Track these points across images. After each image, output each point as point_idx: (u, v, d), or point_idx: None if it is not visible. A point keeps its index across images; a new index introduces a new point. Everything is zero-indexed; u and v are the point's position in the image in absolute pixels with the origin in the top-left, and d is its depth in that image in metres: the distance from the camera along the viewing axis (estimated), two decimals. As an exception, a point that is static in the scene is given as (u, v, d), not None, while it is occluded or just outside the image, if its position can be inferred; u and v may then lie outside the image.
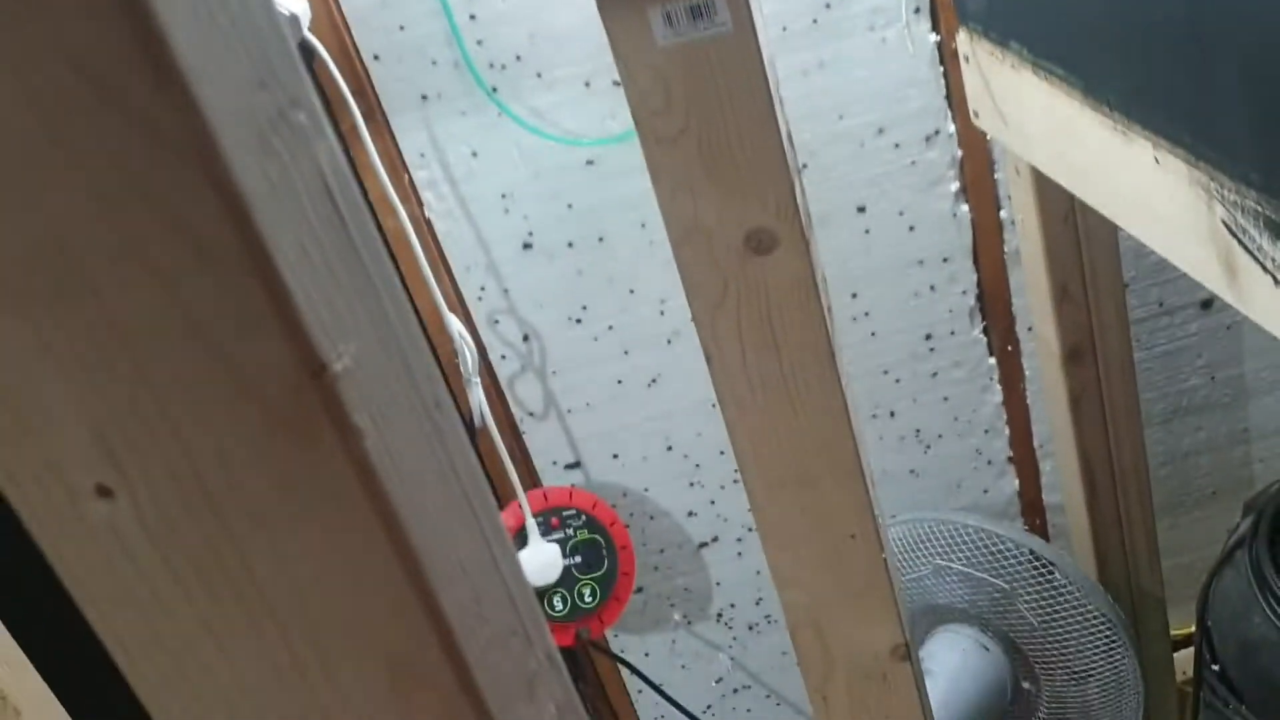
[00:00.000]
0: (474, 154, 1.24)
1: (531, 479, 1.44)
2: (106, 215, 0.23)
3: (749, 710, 1.64)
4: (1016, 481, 1.48)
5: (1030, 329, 1.36)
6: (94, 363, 0.25)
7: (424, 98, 1.21)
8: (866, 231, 1.30)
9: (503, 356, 1.36)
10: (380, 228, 1.20)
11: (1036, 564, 1.26)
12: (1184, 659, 1.45)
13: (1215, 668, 1.07)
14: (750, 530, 1.50)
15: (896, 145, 1.26)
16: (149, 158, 0.22)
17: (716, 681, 1.62)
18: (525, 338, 1.35)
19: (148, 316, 0.24)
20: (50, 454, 0.26)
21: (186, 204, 0.23)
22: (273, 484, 0.26)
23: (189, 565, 0.28)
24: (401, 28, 1.18)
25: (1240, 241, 0.73)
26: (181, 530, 0.27)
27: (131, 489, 0.27)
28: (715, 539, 1.51)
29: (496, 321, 1.33)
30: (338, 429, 0.25)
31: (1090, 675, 1.29)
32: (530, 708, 0.31)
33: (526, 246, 1.29)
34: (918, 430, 1.43)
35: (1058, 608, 1.26)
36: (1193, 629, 1.48)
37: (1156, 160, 0.80)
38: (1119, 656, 1.26)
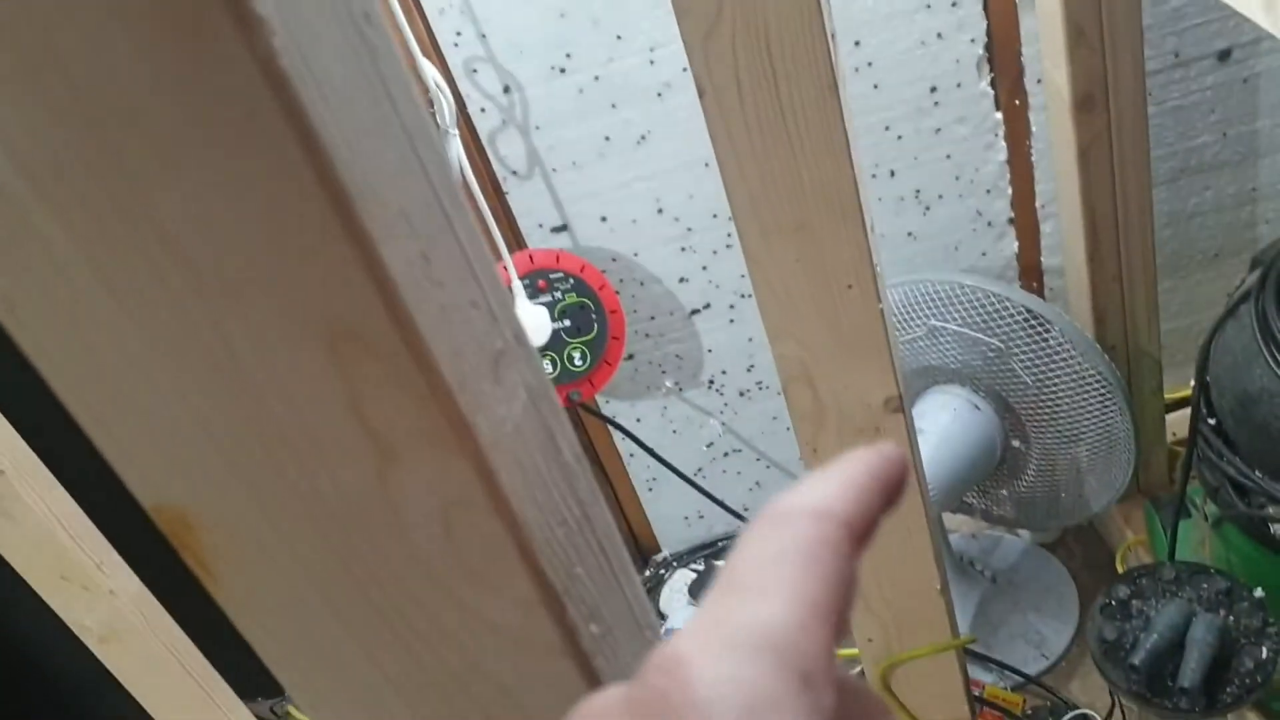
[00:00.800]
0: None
1: (516, 241, 1.39)
2: None
3: (739, 473, 1.65)
4: (1016, 244, 1.43)
5: (1039, 81, 1.29)
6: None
7: None
8: (870, -30, 1.21)
9: (482, 109, 1.29)
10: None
11: (1033, 322, 1.23)
12: (1176, 421, 1.45)
13: (1211, 421, 1.05)
14: (742, 297, 1.46)
15: (906, -127, 1.16)
16: None
17: (707, 446, 1.62)
18: (506, 89, 1.27)
19: None
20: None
21: None
22: (167, 98, 0.21)
23: (82, 211, 0.23)
24: None
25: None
26: (66, 166, 0.22)
27: (3, 124, 0.22)
28: (707, 305, 1.48)
29: (474, 70, 1.26)
30: (236, 17, 0.20)
31: (1082, 434, 1.28)
32: (497, 389, 0.27)
33: (505, -14, 1.20)
34: (917, 191, 1.38)
35: (1053, 366, 1.24)
36: (1186, 393, 1.48)
37: None
38: (1112, 415, 1.25)
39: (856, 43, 1.27)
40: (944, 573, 0.98)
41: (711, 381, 1.55)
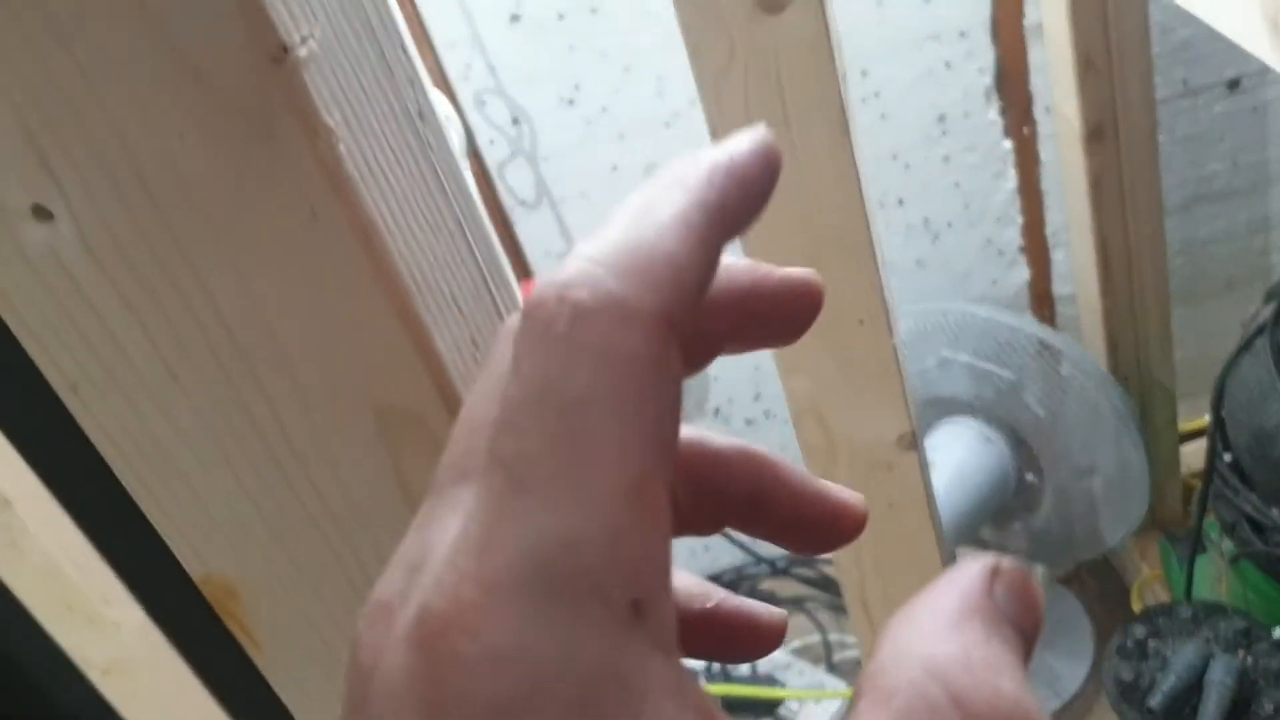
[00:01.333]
0: (458, -84, 1.15)
1: (523, 270, 1.39)
2: None
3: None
4: (1027, 272, 1.43)
5: (1048, 109, 1.30)
6: (17, 52, 0.20)
7: None
8: (879, 2, 1.22)
9: (491, 140, 1.29)
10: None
11: (1045, 354, 1.23)
12: (1191, 453, 1.44)
13: (1227, 458, 1.05)
14: (750, 323, 1.46)
15: (915, -94, 1.17)
16: None
17: (714, 474, 1.61)
18: (515, 120, 1.28)
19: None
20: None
21: None
22: (234, 194, 0.21)
23: (144, 296, 0.23)
24: None
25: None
26: (133, 254, 0.23)
27: (73, 208, 0.22)
28: (714, 332, 1.47)
29: (484, 102, 1.26)
30: (304, 127, 0.20)
31: (1095, 468, 1.28)
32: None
33: (514, 18, 1.21)
34: (926, 219, 1.38)
35: (1065, 399, 1.24)
36: (1200, 424, 1.47)
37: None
38: (1126, 448, 1.25)
39: (864, 73, 1.27)
40: (959, 609, 0.97)
41: (718, 410, 1.55)
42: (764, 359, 1.48)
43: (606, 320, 0.16)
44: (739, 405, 1.55)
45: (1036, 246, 1.41)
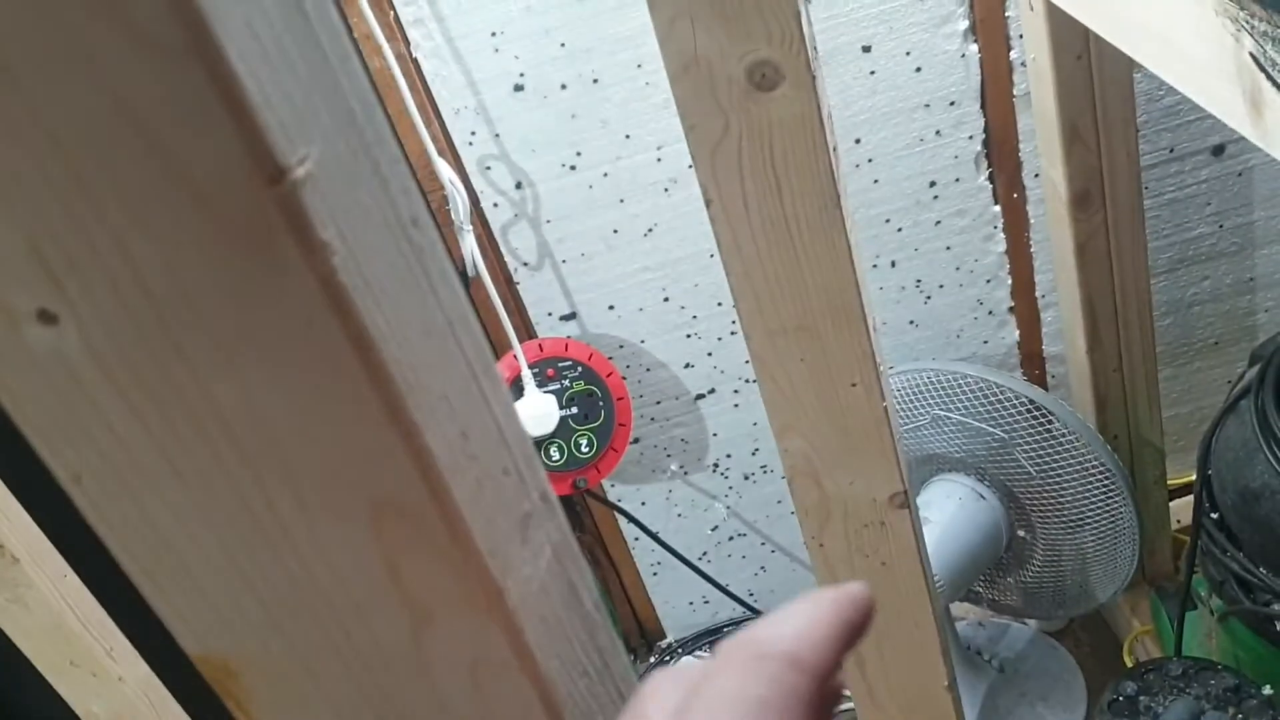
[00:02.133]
0: (462, -11, 1.18)
1: (526, 330, 1.41)
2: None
3: (744, 557, 1.65)
4: (1017, 332, 1.46)
5: (1037, 175, 1.32)
6: (21, 166, 0.22)
7: (408, -72, 1.15)
8: (871, 72, 1.25)
9: (495, 205, 1.32)
10: (365, 68, 1.14)
11: (1035, 413, 1.24)
12: (1180, 508, 1.46)
13: (1214, 516, 1.07)
14: (747, 382, 1.48)
15: (904, -21, 1.20)
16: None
17: (712, 529, 1.62)
18: (518, 185, 1.31)
19: (80, 112, 0.21)
20: (-15, 278, 0.23)
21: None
22: (232, 305, 0.23)
23: (146, 397, 0.25)
24: None
25: (1270, 76, 0.69)
26: (135, 358, 0.24)
27: (76, 313, 0.24)
28: (712, 390, 1.50)
29: (488, 168, 1.29)
30: (301, 244, 0.22)
31: (1086, 523, 1.29)
32: (524, 550, 0.29)
33: (518, 88, 1.24)
34: (918, 280, 1.40)
35: (1056, 456, 1.25)
36: (1189, 479, 1.49)
37: (1184, -14, 0.75)
38: (1116, 504, 1.26)
39: (857, 140, 1.30)
40: (951, 668, 0.99)
41: (716, 465, 1.57)
42: (761, 416, 1.50)
43: (787, 666, 0.25)
44: (738, 460, 1.56)
45: (1026, 307, 1.43)
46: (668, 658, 1.70)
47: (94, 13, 0.20)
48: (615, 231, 1.34)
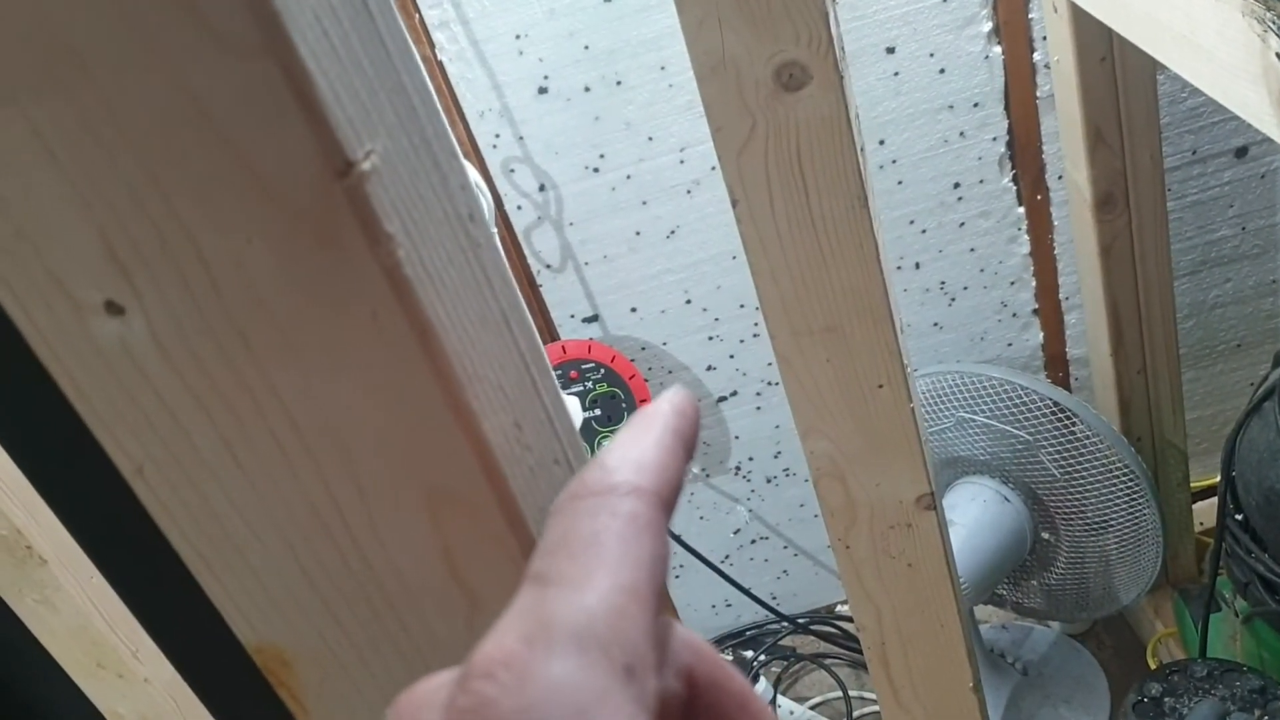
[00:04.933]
0: (487, -8, 1.19)
1: (549, 332, 1.42)
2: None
3: (766, 560, 1.65)
4: (1041, 334, 1.45)
5: (1060, 177, 1.32)
6: (95, 160, 0.22)
7: (433, -68, 1.16)
8: (895, 74, 1.25)
9: (519, 207, 1.33)
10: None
11: (1060, 415, 1.24)
12: (1203, 510, 1.45)
13: (1238, 518, 1.06)
14: (769, 384, 1.49)
15: (928, -18, 1.20)
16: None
17: (734, 533, 1.63)
18: (541, 187, 1.31)
19: (154, 107, 0.22)
20: (52, 265, 0.24)
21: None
22: (298, 297, 0.24)
23: (211, 389, 0.26)
24: None
25: (1299, 74, 0.69)
26: (201, 350, 0.25)
27: (144, 304, 0.24)
28: (734, 393, 1.50)
29: (512, 170, 1.29)
30: (367, 235, 0.23)
31: (1110, 525, 1.29)
32: (574, 540, 0.29)
33: (542, 90, 1.25)
34: (943, 282, 1.40)
35: (1080, 459, 1.25)
36: (1212, 481, 1.48)
37: (1212, -13, 0.76)
38: (1140, 507, 1.26)
39: (881, 141, 1.30)
40: (977, 670, 0.99)
41: (738, 468, 1.57)
42: (783, 419, 1.51)
43: (619, 493, 0.23)
44: (760, 463, 1.56)
45: (1050, 310, 1.43)
46: (689, 660, 1.70)
47: (170, 10, 0.21)
48: (638, 234, 1.35)
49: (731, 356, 1.46)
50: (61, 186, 0.23)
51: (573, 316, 1.41)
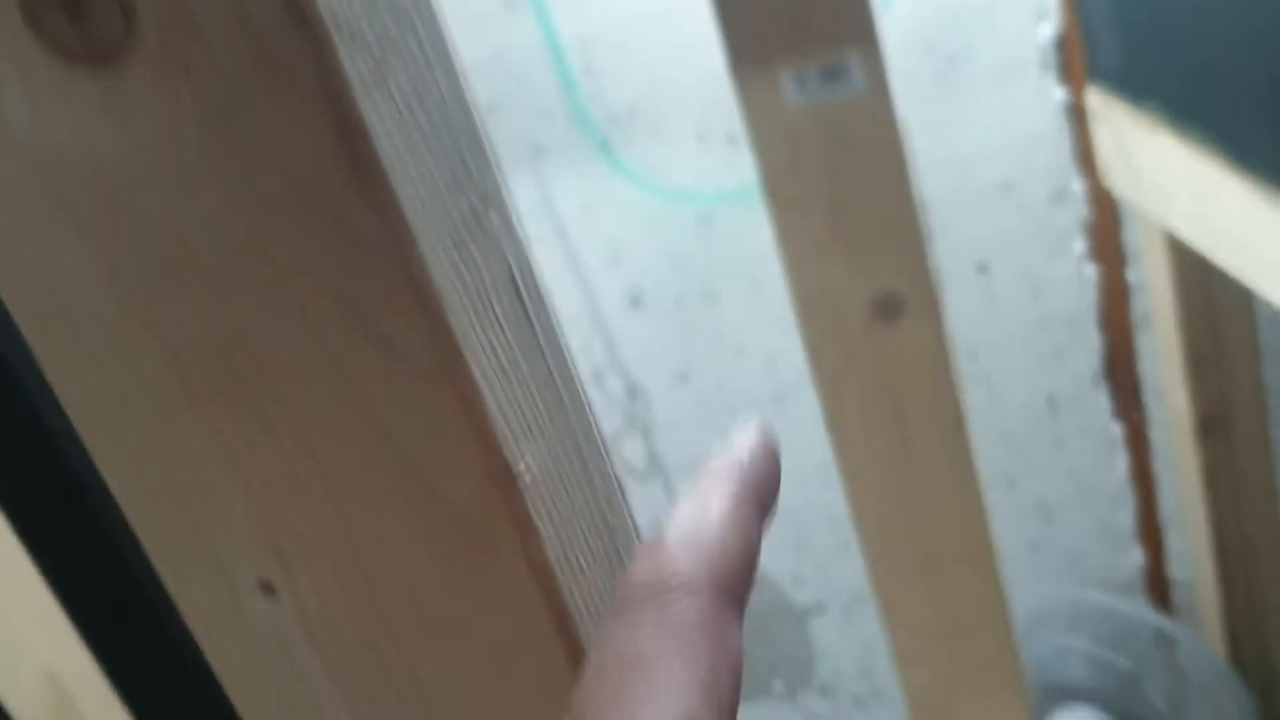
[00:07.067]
0: (584, 207, 1.24)
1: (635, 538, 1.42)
2: (298, 316, 0.22)
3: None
4: (1142, 557, 1.41)
5: (1158, 395, 1.31)
6: (270, 461, 0.24)
7: (536, 149, 1.21)
8: (988, 292, 1.26)
9: (607, 414, 1.34)
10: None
11: (1163, 643, 1.20)
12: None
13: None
14: (858, 601, 1.46)
15: (1021, 204, 1.23)
16: (343, 259, 0.21)
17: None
18: (630, 394, 1.33)
19: (331, 419, 0.23)
20: (217, 547, 0.25)
21: (379, 307, 0.22)
22: (446, 591, 0.25)
23: (352, 672, 0.26)
24: (516, 78, 1.18)
25: None
26: (345, 635, 0.26)
27: (295, 588, 0.25)
28: (821, 607, 1.47)
29: (602, 377, 1.32)
30: (520, 536, 0.24)
31: (1221, 765, 1.22)
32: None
33: (635, 302, 1.28)
34: (1038, 501, 1.38)
35: (1186, 691, 1.20)
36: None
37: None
38: (1253, 746, 1.19)
39: (973, 356, 1.31)
40: None
41: (824, 686, 1.52)
42: (875, 639, 1.47)
43: (668, 595, 0.20)
44: (847, 681, 1.52)
45: (1151, 531, 1.40)
46: None
47: (357, 333, 0.22)
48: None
49: (820, 569, 1.44)
50: (235, 481, 0.24)
51: (656, 523, 1.41)
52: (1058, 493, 1.37)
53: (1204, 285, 1.12)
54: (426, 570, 0.25)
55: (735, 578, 0.21)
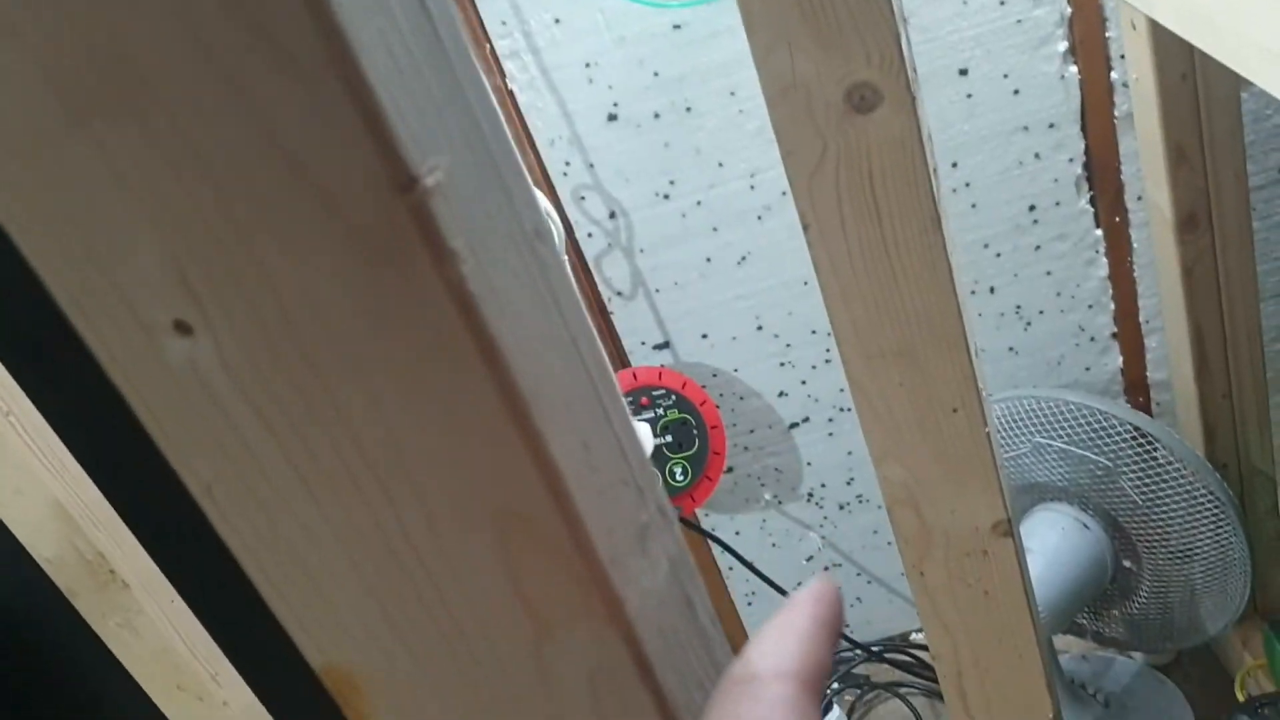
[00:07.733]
0: (556, 21, 1.20)
1: (620, 359, 1.42)
2: (176, 18, 0.20)
3: (839, 587, 1.63)
4: (1120, 358, 1.42)
5: (1140, 198, 1.30)
6: (165, 183, 0.23)
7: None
8: (968, 96, 1.24)
9: (589, 234, 1.33)
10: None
11: (1140, 440, 1.21)
12: (1294, 540, 1.41)
13: (1333, 546, 1.03)
14: (842, 410, 1.47)
15: (1001, 2, 1.19)
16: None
17: (807, 559, 1.61)
18: (612, 214, 1.32)
19: (223, 130, 0.22)
20: (122, 285, 0.24)
21: (262, 2, 0.20)
22: (364, 318, 0.24)
23: (279, 411, 0.26)
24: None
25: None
26: (268, 371, 0.25)
27: (211, 325, 0.25)
28: (806, 419, 1.48)
29: (583, 198, 1.30)
30: (432, 253, 0.23)
31: (1195, 554, 1.25)
32: (643, 561, 0.29)
33: (611, 118, 1.25)
34: (1018, 306, 1.38)
35: (1162, 485, 1.22)
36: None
37: (1300, -2, 0.74)
38: (1226, 534, 1.22)
39: (954, 164, 1.29)
40: (1056, 701, 0.96)
41: (810, 494, 1.55)
42: (856, 444, 1.49)
43: (764, 679, 0.26)
44: (832, 490, 1.55)
45: (1130, 334, 1.40)
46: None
47: (237, 31, 0.21)
48: (708, 260, 1.35)
49: (803, 382, 1.45)
50: (131, 207, 0.23)
51: (644, 344, 1.41)
52: (1037, 298, 1.37)
53: (1187, 78, 1.09)
54: (338, 294, 0.24)
55: (815, 675, 0.27)
